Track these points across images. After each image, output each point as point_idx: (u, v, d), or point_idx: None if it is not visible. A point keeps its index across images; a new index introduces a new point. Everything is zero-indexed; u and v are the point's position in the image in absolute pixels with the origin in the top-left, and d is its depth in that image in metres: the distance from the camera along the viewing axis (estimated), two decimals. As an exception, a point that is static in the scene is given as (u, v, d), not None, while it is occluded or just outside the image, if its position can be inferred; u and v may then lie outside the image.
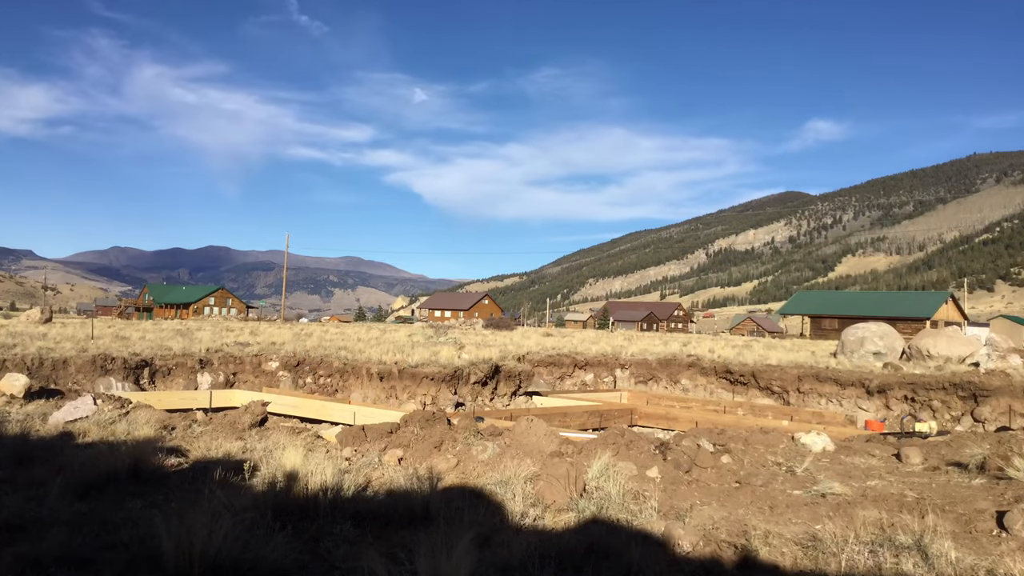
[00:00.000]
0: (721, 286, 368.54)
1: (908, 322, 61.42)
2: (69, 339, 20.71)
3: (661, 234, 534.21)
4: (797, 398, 21.49)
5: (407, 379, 19.00)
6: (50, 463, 6.27)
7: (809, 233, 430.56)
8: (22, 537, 4.30)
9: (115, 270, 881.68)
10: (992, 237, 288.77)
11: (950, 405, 18.94)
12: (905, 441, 9.25)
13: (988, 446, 7.72)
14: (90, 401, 9.46)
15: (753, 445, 8.28)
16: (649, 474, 6.72)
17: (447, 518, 4.83)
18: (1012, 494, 6.02)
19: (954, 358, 23.93)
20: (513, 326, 60.34)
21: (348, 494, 5.22)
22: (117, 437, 7.77)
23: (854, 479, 6.98)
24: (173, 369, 18.56)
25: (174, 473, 6.27)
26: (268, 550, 3.98)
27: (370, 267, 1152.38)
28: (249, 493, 5.14)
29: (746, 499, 6.26)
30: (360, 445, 7.89)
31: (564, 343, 30.56)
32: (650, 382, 24.71)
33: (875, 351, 26.23)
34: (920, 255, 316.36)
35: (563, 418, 16.63)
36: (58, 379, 16.21)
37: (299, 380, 19.57)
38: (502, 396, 21.28)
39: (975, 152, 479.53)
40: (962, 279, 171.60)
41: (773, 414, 19.05)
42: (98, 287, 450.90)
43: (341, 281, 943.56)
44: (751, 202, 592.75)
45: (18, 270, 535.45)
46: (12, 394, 10.43)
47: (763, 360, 24.04)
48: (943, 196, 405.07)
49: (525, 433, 7.35)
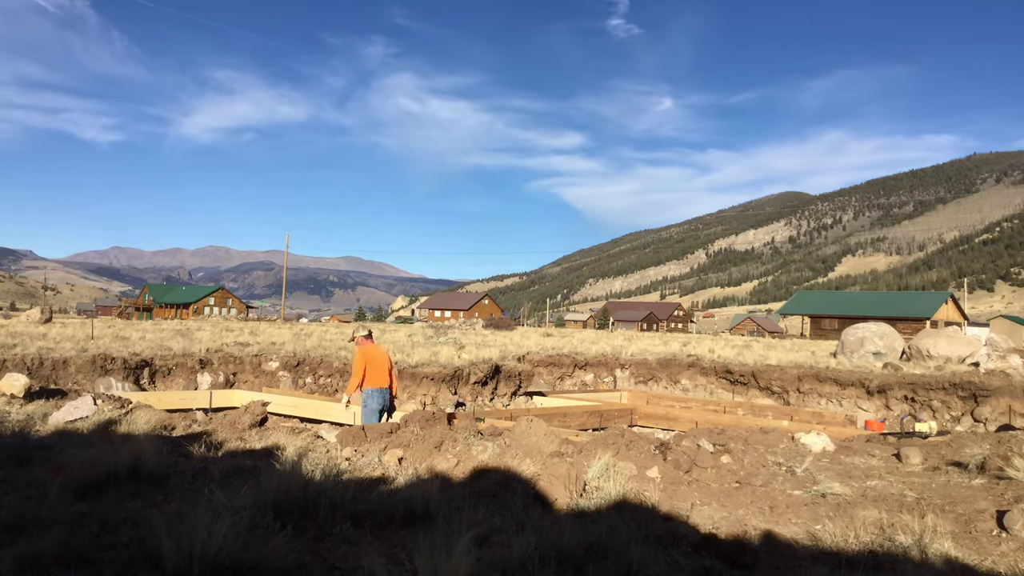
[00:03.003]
0: (721, 286, 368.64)
1: (908, 322, 61.44)
2: (69, 339, 20.71)
3: (661, 234, 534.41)
4: (797, 398, 21.49)
5: (407, 379, 19.00)
6: (50, 463, 6.27)
7: (809, 233, 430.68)
8: (22, 537, 4.29)
9: (115, 270, 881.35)
10: (992, 237, 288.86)
11: (950, 405, 18.94)
12: (905, 441, 9.24)
13: (988, 446, 7.72)
14: (90, 401, 9.46)
15: (753, 445, 8.28)
16: (649, 474, 6.71)
17: (447, 518, 4.83)
18: (1012, 494, 6.01)
19: (954, 358, 23.93)
20: (513, 326, 60.33)
21: (348, 494, 5.22)
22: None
23: (854, 479, 6.98)
24: (173, 369, 18.56)
25: (174, 473, 6.27)
26: (268, 550, 3.97)
27: (370, 267, 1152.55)
28: (249, 493, 5.13)
29: (746, 499, 6.26)
30: (360, 445, 7.89)
31: (564, 343, 30.55)
32: (650, 382, 24.70)
33: (875, 351, 26.23)
34: (920, 255, 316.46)
35: (563, 418, 16.63)
36: (58, 379, 16.21)
37: (299, 380, 19.57)
38: (502, 396, 21.28)
39: (975, 152, 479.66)
40: (962, 279, 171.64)
41: (773, 414, 19.04)
42: (98, 287, 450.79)
43: (341, 281, 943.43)
44: (751, 202, 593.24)
45: (18, 270, 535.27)
46: (12, 394, 10.42)
47: (763, 360, 24.04)
48: (943, 196, 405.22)
49: (525, 433, 7.35)
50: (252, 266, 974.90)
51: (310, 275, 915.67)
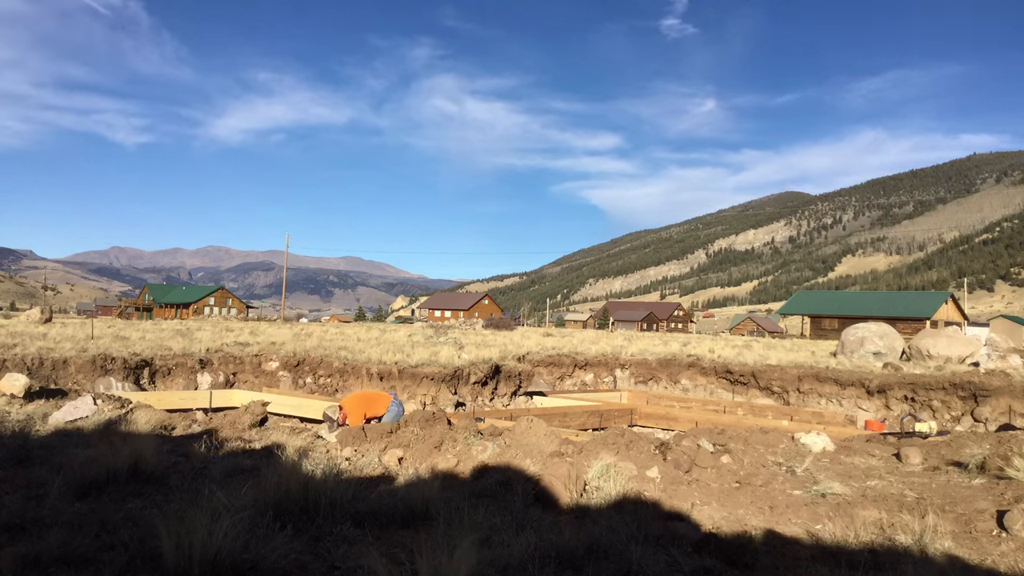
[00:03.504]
0: (721, 286, 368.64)
1: (908, 322, 61.43)
2: (69, 339, 20.71)
3: (661, 234, 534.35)
4: (797, 398, 21.48)
5: (407, 379, 19.00)
6: (50, 463, 6.27)
7: (809, 233, 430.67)
8: (22, 537, 4.29)
9: (115, 270, 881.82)
10: (992, 237, 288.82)
11: (950, 405, 18.93)
12: (905, 441, 9.24)
13: (988, 446, 7.72)
14: (90, 401, 9.46)
15: (753, 445, 8.28)
16: (649, 474, 6.71)
17: (447, 518, 4.83)
18: (1012, 494, 6.02)
19: (954, 358, 23.93)
20: (513, 326, 60.32)
21: (348, 494, 5.22)
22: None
23: (854, 479, 6.98)
24: (173, 369, 18.55)
25: (174, 473, 6.27)
26: (268, 550, 3.97)
27: (370, 267, 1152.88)
28: (249, 493, 5.13)
29: (746, 499, 6.26)
30: (360, 445, 7.89)
31: (564, 343, 30.55)
32: (650, 382, 24.70)
33: (875, 351, 26.23)
34: (920, 255, 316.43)
35: (563, 418, 16.63)
36: (58, 379, 16.21)
37: (299, 380, 19.57)
38: (502, 396, 21.29)
39: (975, 152, 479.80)
40: (962, 279, 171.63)
41: (773, 414, 19.05)
42: (98, 287, 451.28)
43: (341, 281, 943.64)
44: (751, 202, 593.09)
45: (18, 270, 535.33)
46: (12, 394, 10.43)
47: (763, 360, 24.04)
48: (943, 196, 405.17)
49: (525, 433, 7.35)
50: (252, 266, 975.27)
51: (310, 275, 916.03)
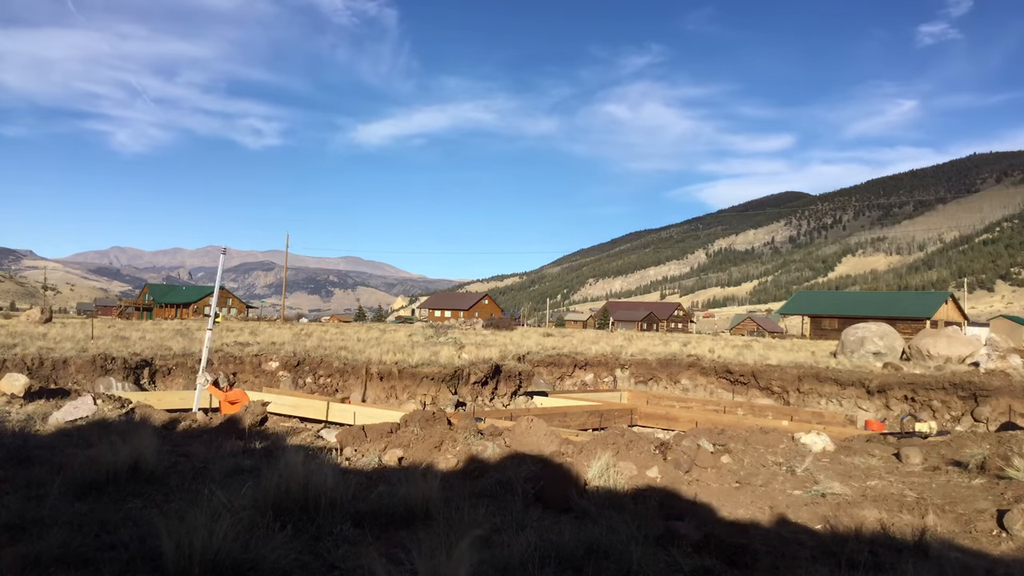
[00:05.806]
0: (721, 286, 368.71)
1: (908, 322, 61.39)
2: (69, 339, 20.72)
3: (661, 234, 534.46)
4: (797, 398, 21.49)
5: (407, 379, 19.00)
6: (50, 463, 6.27)
7: (809, 233, 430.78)
8: (22, 537, 4.29)
9: (115, 270, 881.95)
10: (992, 237, 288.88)
11: (950, 405, 18.94)
12: (905, 441, 9.24)
13: (988, 446, 7.72)
14: (90, 401, 9.46)
15: (753, 445, 8.28)
16: (649, 474, 6.71)
17: (447, 518, 4.83)
18: (1012, 494, 6.02)
19: (954, 358, 23.93)
20: (513, 326, 60.31)
21: (348, 494, 5.22)
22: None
23: (854, 479, 6.98)
24: (173, 369, 18.56)
25: (174, 473, 6.27)
26: (268, 550, 3.97)
27: (370, 267, 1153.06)
28: (249, 493, 5.13)
29: (746, 499, 6.26)
30: (360, 445, 7.89)
31: (564, 343, 30.55)
32: (650, 382, 24.70)
33: (875, 351, 26.23)
34: (920, 255, 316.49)
35: (563, 418, 16.63)
36: (58, 379, 16.21)
37: (299, 380, 19.57)
38: (502, 396, 21.29)
39: (975, 152, 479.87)
40: (962, 279, 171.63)
41: (773, 414, 19.05)
42: (98, 287, 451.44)
43: (341, 281, 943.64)
44: (751, 202, 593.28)
45: (18, 270, 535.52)
46: (12, 394, 10.43)
47: (763, 360, 24.04)
48: (943, 196, 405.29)
49: (525, 433, 7.35)
50: (252, 266, 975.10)
51: (310, 275, 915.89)
